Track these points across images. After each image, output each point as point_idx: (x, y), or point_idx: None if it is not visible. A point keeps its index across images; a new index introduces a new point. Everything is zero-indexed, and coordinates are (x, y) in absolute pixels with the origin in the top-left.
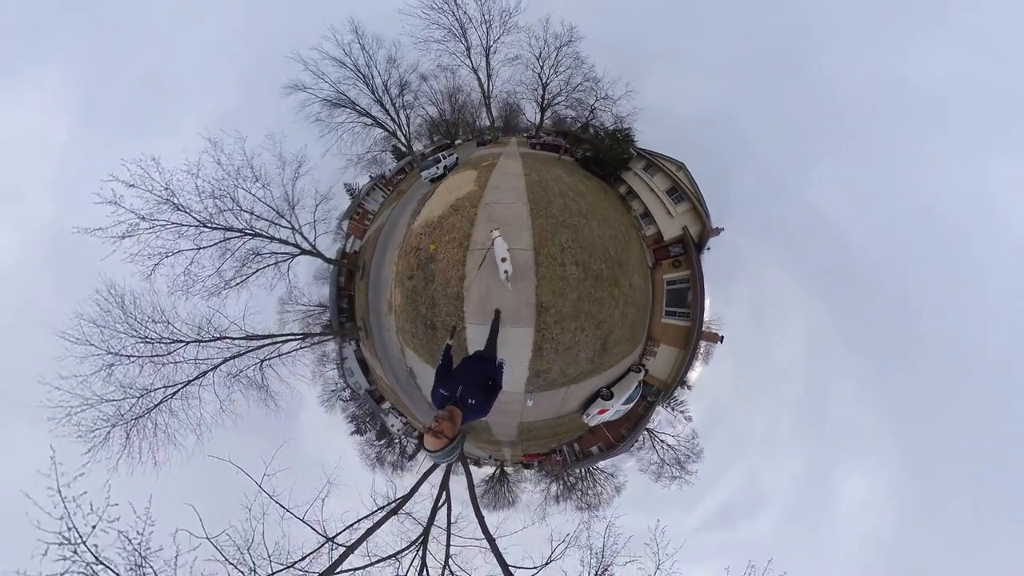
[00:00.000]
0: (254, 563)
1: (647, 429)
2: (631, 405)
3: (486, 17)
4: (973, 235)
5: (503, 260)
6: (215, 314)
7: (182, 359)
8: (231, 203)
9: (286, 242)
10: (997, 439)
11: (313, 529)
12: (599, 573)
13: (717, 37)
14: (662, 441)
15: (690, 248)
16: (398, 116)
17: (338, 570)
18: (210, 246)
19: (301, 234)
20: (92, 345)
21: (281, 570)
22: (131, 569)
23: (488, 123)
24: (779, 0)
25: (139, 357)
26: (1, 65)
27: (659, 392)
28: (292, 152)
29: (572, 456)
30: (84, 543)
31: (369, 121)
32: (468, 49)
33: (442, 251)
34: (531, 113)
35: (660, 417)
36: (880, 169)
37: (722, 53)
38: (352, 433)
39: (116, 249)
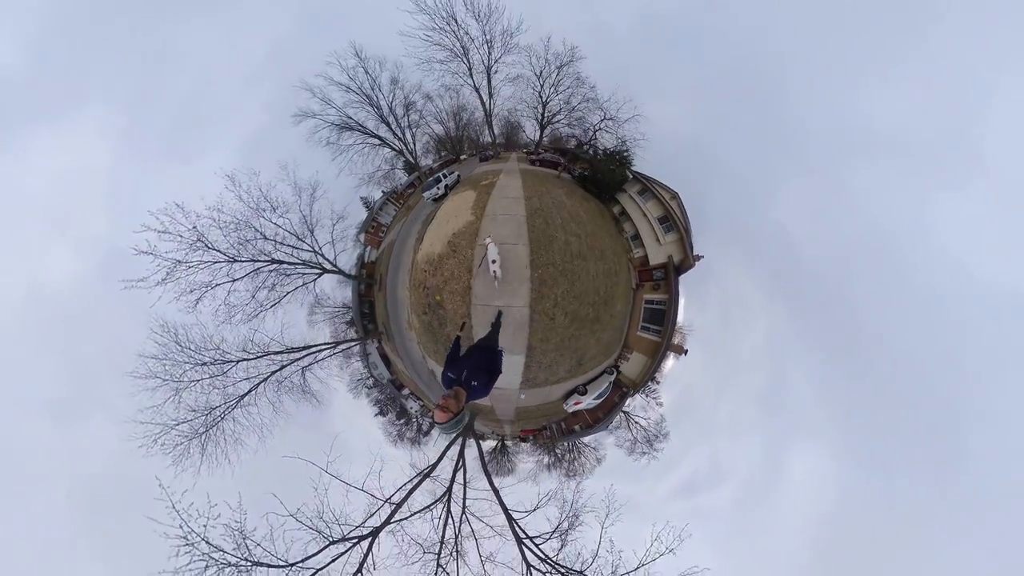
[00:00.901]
0: (328, 527)
1: (624, 412)
2: (602, 399)
3: (487, 37)
4: (911, 249)
5: (493, 262)
6: (255, 333)
7: (235, 377)
8: (255, 233)
9: (309, 263)
10: (928, 424)
11: (371, 495)
12: (570, 517)
13: (696, 72)
14: (636, 422)
15: (671, 275)
16: (404, 135)
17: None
18: (242, 277)
19: (322, 255)
20: (158, 378)
21: (352, 530)
22: (235, 548)
23: (490, 139)
24: (755, 44)
25: (199, 380)
26: (51, 103)
27: (630, 387)
28: (306, 178)
29: (559, 432)
30: (201, 538)
31: (377, 142)
32: (470, 69)
33: (448, 301)
34: (531, 130)
35: (637, 402)
36: (836, 192)
37: (701, 87)
38: (376, 415)
39: (162, 294)
